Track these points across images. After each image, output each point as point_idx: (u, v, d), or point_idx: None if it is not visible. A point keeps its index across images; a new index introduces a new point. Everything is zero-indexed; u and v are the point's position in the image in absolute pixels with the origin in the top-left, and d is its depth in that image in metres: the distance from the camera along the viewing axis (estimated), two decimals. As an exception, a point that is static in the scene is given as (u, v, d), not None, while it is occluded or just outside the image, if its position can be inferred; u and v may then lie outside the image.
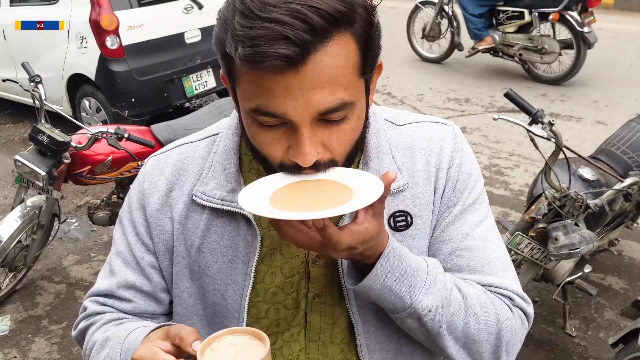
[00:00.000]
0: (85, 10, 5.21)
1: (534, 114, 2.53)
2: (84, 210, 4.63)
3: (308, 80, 0.82)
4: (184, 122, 3.73)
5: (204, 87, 5.83)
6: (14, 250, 3.40)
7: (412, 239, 1.06)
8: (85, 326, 1.14)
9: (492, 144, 5.42)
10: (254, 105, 0.87)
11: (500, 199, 4.47)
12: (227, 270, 1.06)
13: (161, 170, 1.11)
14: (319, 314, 1.07)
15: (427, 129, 1.11)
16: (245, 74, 0.86)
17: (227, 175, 1.05)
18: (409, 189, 1.06)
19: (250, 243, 1.04)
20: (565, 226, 2.60)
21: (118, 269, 1.13)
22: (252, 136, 0.93)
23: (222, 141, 1.09)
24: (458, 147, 1.09)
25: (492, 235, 1.09)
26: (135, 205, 1.12)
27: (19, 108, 6.57)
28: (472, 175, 1.09)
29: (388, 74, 7.38)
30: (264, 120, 0.88)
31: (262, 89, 0.84)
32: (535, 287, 3.44)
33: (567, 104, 6.18)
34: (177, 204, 1.09)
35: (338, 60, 0.84)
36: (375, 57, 0.94)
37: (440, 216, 1.08)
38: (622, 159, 3.11)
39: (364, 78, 0.92)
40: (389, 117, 1.13)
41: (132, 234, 1.12)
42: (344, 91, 0.86)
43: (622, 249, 3.75)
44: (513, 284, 1.08)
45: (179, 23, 5.62)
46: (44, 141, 3.19)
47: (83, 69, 5.47)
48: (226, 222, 1.05)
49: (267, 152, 0.92)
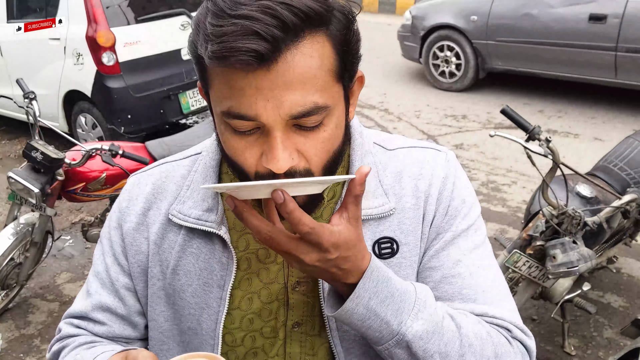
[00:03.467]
0: (82, 27, 5.22)
1: (530, 130, 2.51)
2: (78, 227, 4.59)
3: (280, 80, 0.79)
4: (179, 138, 3.71)
5: (201, 104, 5.82)
6: (7, 268, 3.36)
7: (398, 267, 0.99)
8: (58, 349, 1.10)
9: (489, 161, 5.40)
10: (225, 107, 0.83)
11: (498, 215, 4.45)
12: (202, 294, 1.01)
13: (140, 189, 1.08)
14: (299, 344, 1.02)
15: (418, 154, 1.06)
16: (217, 76, 0.83)
17: (204, 194, 1.02)
18: (396, 214, 1.01)
19: (225, 266, 0.99)
20: (563, 244, 2.57)
21: (94, 289, 1.09)
22: (225, 143, 0.89)
23: (202, 160, 1.06)
24: (451, 173, 1.04)
25: (487, 262, 1.02)
26: (113, 224, 1.09)
27: (15, 124, 6.56)
28: (465, 202, 1.03)
29: (385, 91, 7.39)
30: (237, 124, 0.84)
31: (234, 90, 0.81)
32: (534, 305, 3.40)
33: (564, 120, 6.19)
34: (153, 224, 1.05)
35: (312, 61, 0.81)
36: (354, 64, 0.90)
37: (430, 243, 1.01)
38: (619, 175, 3.09)
39: (341, 84, 0.88)
40: (379, 141, 1.08)
41: (109, 254, 1.08)
42: (318, 94, 0.82)
43: (620, 267, 3.73)
44: (511, 315, 0.99)
45: (175, 39, 5.62)
46: (38, 158, 3.17)
47: (79, 85, 5.46)
48: (202, 244, 1.01)
49: (241, 160, 0.87)
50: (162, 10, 5.59)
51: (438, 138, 5.97)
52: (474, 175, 5.13)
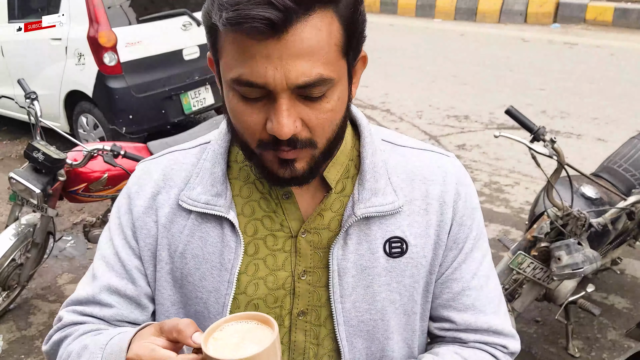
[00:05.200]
0: (84, 27, 5.20)
1: (535, 131, 2.50)
2: (79, 227, 4.59)
3: (289, 50, 0.83)
4: (181, 138, 3.69)
5: (202, 104, 5.81)
6: (8, 269, 3.35)
7: (406, 266, 1.03)
8: (59, 338, 1.06)
9: (491, 161, 5.39)
10: (236, 75, 0.86)
11: (501, 216, 4.43)
12: (210, 277, 1.02)
13: (150, 175, 1.09)
14: (303, 333, 1.04)
15: (428, 158, 1.08)
16: (229, 44, 0.86)
17: (213, 180, 1.03)
18: (405, 214, 1.03)
19: (233, 249, 1.01)
20: (568, 245, 2.55)
21: (101, 273, 1.08)
22: (233, 110, 0.91)
23: (211, 147, 1.07)
24: (462, 180, 1.08)
25: (492, 271, 1.12)
26: (123, 210, 1.09)
27: (16, 125, 6.55)
28: (475, 210, 1.09)
29: (387, 91, 7.38)
30: (245, 91, 0.87)
31: (245, 57, 0.84)
32: (537, 307, 3.39)
33: (567, 120, 6.17)
34: (162, 207, 1.06)
35: (320, 34, 0.85)
36: (359, 42, 0.94)
37: (449, 252, 1.06)
38: (624, 176, 3.08)
39: (346, 60, 0.91)
40: (387, 137, 1.10)
41: (119, 238, 1.08)
42: (324, 67, 0.86)
43: (624, 268, 3.71)
44: (506, 322, 1.11)
45: (177, 40, 5.61)
46: (39, 158, 3.16)
47: (81, 85, 5.45)
48: (211, 228, 1.03)
49: (245, 126, 0.90)
50: (164, 11, 5.58)
51: (440, 138, 5.95)
52: (477, 176, 5.12)
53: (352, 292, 1.02)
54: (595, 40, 8.60)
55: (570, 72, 7.47)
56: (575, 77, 7.31)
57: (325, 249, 1.02)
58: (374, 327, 1.04)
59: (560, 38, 9.04)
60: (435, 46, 9.20)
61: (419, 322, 1.09)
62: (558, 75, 7.42)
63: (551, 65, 7.81)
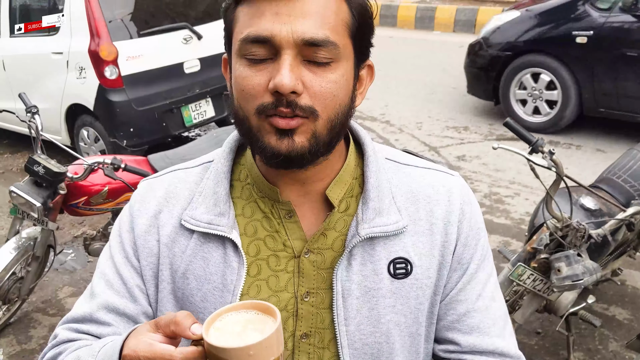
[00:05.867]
0: (85, 41, 5.23)
1: (533, 143, 2.51)
2: (80, 241, 4.58)
3: (298, 10, 0.88)
4: (182, 151, 3.71)
5: (203, 117, 5.83)
6: (8, 283, 3.35)
7: (411, 287, 1.02)
8: (53, 355, 1.03)
9: (491, 172, 5.39)
10: (244, 35, 0.90)
11: (501, 228, 4.43)
12: (212, 298, 1.01)
13: (152, 193, 1.09)
14: (306, 355, 1.02)
15: (432, 177, 1.08)
16: (241, 14, 0.92)
17: (216, 199, 1.02)
18: (409, 234, 1.02)
19: (236, 270, 1.00)
20: (568, 257, 2.55)
21: (100, 290, 1.06)
22: (237, 79, 0.93)
23: (214, 166, 1.07)
24: (466, 199, 1.07)
25: (497, 292, 1.10)
26: (125, 228, 1.08)
27: (18, 138, 6.57)
28: (481, 230, 1.08)
29: (386, 102, 7.40)
30: (251, 49, 0.90)
31: (254, 17, 0.89)
32: (538, 318, 3.38)
33: (566, 131, 6.18)
34: (165, 226, 1.05)
35: (329, 4, 0.90)
36: (367, 38, 0.97)
37: (453, 273, 1.05)
38: (623, 187, 3.08)
39: (353, 45, 0.94)
40: (391, 156, 1.10)
41: (120, 255, 1.07)
42: (331, 31, 0.89)
43: (625, 279, 3.70)
44: (512, 343, 1.08)
45: (178, 53, 5.64)
46: (40, 172, 3.17)
47: (82, 99, 5.47)
48: (213, 248, 1.02)
49: (248, 91, 0.91)
50: (165, 25, 5.61)
51: (440, 150, 5.96)
52: (477, 187, 5.12)
53: (356, 315, 1.00)
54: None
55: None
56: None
57: (328, 269, 1.02)
58: (378, 350, 1.02)
59: (559, 49, 9.09)
60: (435, 58, 9.22)
61: (424, 344, 1.07)
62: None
63: (550, 76, 7.83)
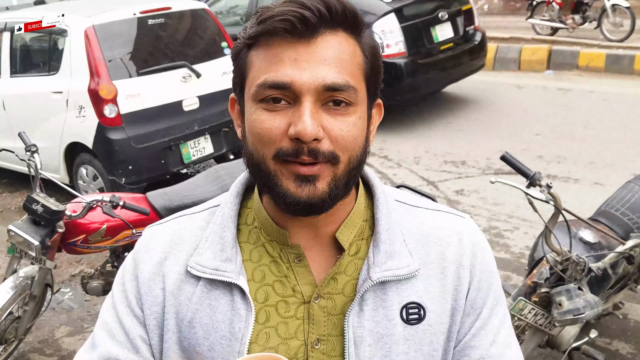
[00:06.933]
0: (85, 80, 5.28)
1: (531, 177, 2.52)
2: (78, 279, 4.54)
3: (317, 56, 0.88)
4: (180, 188, 3.71)
5: (202, 154, 5.85)
6: (5, 322, 3.31)
7: (424, 333, 0.98)
8: None
9: (490, 206, 5.40)
10: (262, 80, 0.89)
11: (501, 262, 4.41)
12: (219, 347, 0.98)
13: (157, 240, 1.07)
14: None
15: (443, 219, 1.06)
16: (257, 57, 0.91)
17: (223, 244, 1.00)
18: (421, 278, 1.00)
19: (244, 318, 0.97)
20: (568, 290, 2.54)
21: (101, 341, 1.02)
22: (253, 124, 0.92)
23: (221, 210, 1.05)
24: (478, 242, 1.05)
25: (512, 337, 1.06)
26: (128, 276, 1.05)
27: (16, 177, 6.57)
28: (493, 273, 1.05)
29: (384, 138, 7.44)
30: (269, 95, 0.89)
31: (272, 62, 0.89)
32: (541, 353, 3.34)
33: (564, 165, 6.21)
34: (170, 274, 1.02)
35: (346, 49, 0.91)
36: (377, 81, 0.98)
37: (466, 318, 1.01)
38: (622, 220, 3.08)
39: (366, 88, 0.95)
40: (400, 198, 1.08)
41: (122, 305, 1.04)
42: (349, 76, 0.90)
43: (627, 312, 3.67)
44: None
45: (177, 91, 5.68)
46: (38, 210, 3.17)
47: (81, 137, 5.50)
48: (220, 295, 0.99)
49: (265, 134, 0.90)
50: (164, 63, 5.68)
51: (438, 184, 5.98)
52: (476, 221, 5.11)
53: None
54: (588, 86, 8.71)
55: (564, 117, 7.55)
56: (570, 122, 7.38)
57: (339, 315, 0.99)
58: None
59: (554, 84, 9.15)
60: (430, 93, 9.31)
61: None
62: (553, 120, 7.49)
63: (546, 110, 7.89)
